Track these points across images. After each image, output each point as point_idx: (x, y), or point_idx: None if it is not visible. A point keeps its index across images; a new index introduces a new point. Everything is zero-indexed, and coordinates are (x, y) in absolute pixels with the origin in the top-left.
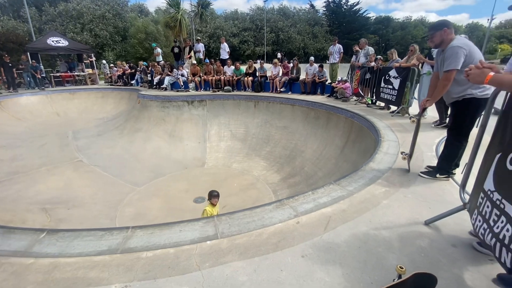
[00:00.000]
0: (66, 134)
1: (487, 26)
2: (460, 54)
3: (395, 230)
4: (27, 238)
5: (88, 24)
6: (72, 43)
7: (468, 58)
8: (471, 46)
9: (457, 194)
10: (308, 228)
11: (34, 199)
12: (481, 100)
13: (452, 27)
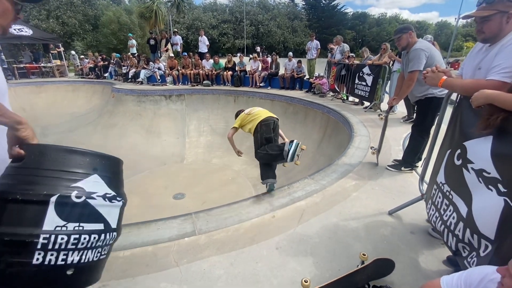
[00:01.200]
0: (34, 130)
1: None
2: (422, 56)
3: (362, 221)
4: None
5: (54, 11)
6: (36, 32)
7: (429, 60)
8: (432, 49)
9: (418, 185)
10: (283, 222)
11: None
12: (441, 99)
13: (415, 31)
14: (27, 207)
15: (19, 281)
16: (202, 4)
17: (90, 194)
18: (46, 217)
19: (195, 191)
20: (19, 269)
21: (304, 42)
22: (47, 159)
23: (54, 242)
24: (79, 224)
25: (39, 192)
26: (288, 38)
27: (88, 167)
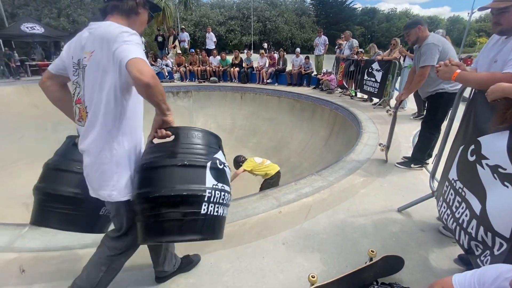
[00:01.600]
0: (45, 126)
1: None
2: (434, 51)
3: (370, 217)
4: (9, 233)
5: (65, 9)
6: (48, 30)
7: (442, 54)
8: (445, 43)
9: (428, 182)
10: (289, 217)
11: (13, 194)
12: (452, 94)
13: (425, 24)
14: (194, 170)
15: (191, 228)
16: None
17: (223, 163)
18: (206, 177)
19: None
20: (192, 217)
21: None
22: (197, 137)
23: (213, 196)
24: (222, 185)
25: (200, 159)
26: (295, 34)
27: (217, 144)
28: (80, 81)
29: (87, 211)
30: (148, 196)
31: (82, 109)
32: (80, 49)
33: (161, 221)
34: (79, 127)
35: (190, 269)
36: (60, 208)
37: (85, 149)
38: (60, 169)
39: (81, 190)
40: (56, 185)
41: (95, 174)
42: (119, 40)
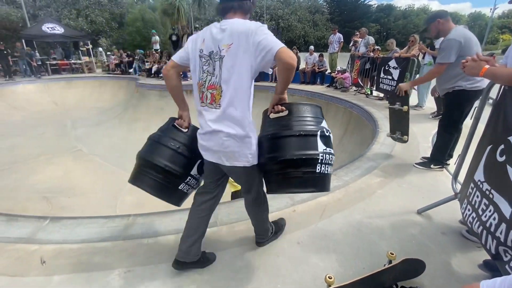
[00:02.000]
0: (65, 123)
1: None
2: (453, 47)
3: (388, 219)
4: (31, 225)
5: (83, 10)
6: (68, 30)
7: (464, 49)
8: (468, 38)
9: (450, 184)
10: (304, 217)
11: (34, 188)
12: (470, 92)
13: (446, 17)
14: (308, 138)
15: (309, 183)
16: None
17: (328, 130)
18: (318, 144)
19: None
20: (309, 175)
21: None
22: (306, 111)
23: (324, 159)
24: (330, 149)
25: (312, 129)
26: (309, 32)
27: (321, 114)
28: (213, 70)
29: (171, 183)
30: (277, 159)
31: (216, 94)
32: (212, 43)
33: (287, 178)
34: (208, 109)
35: (206, 266)
36: (153, 175)
37: (219, 128)
38: (160, 143)
39: (171, 164)
40: (154, 156)
41: (233, 148)
42: (260, 33)
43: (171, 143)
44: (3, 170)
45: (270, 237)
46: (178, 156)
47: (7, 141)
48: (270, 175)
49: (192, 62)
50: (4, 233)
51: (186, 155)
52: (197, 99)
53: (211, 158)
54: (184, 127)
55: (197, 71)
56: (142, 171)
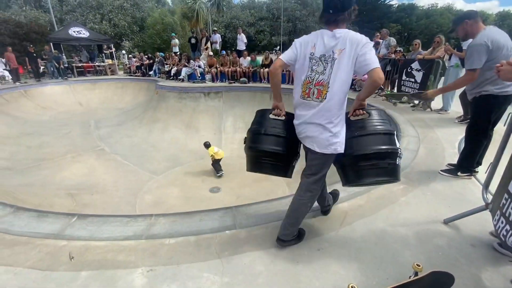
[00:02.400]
0: (89, 123)
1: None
2: (481, 52)
3: (412, 228)
4: (60, 222)
5: (107, 14)
6: (92, 34)
7: (492, 53)
8: (496, 40)
9: (479, 193)
10: (324, 222)
11: (60, 185)
12: (499, 97)
13: (475, 17)
14: (390, 136)
15: (392, 172)
16: (240, 2)
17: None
18: (396, 141)
19: (230, 186)
20: (392, 166)
21: None
22: (382, 115)
23: (400, 153)
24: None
25: (390, 129)
26: None
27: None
28: (323, 69)
29: (285, 162)
30: (367, 152)
31: (322, 90)
32: (324, 48)
33: (375, 168)
34: (313, 103)
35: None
36: (266, 160)
37: (319, 119)
38: (260, 133)
39: (280, 147)
40: (263, 145)
41: (326, 137)
42: (368, 47)
43: (274, 131)
44: (33, 167)
45: (293, 238)
46: (284, 139)
47: (36, 140)
48: (352, 167)
49: (299, 62)
50: (35, 228)
51: (289, 138)
52: (300, 93)
53: (306, 144)
54: (282, 116)
55: (305, 70)
56: (257, 159)
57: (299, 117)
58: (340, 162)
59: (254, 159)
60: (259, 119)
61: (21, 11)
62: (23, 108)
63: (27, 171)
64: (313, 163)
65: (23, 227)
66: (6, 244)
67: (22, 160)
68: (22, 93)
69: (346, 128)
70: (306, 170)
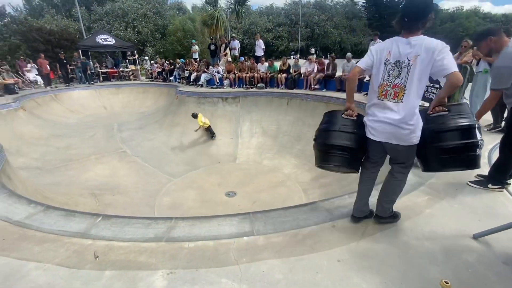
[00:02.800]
0: (112, 126)
1: None
2: (507, 74)
3: (439, 242)
4: (86, 221)
5: (131, 22)
6: (118, 41)
7: None
8: None
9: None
10: (344, 233)
11: (85, 185)
12: None
13: (499, 34)
14: (471, 129)
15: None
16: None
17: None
18: (476, 133)
19: (246, 191)
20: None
21: (362, 42)
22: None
23: (480, 145)
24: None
25: (472, 123)
26: (345, 38)
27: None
28: (398, 74)
29: (354, 156)
30: (446, 147)
31: (399, 91)
32: (399, 54)
33: (455, 159)
34: (389, 103)
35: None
36: (337, 153)
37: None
38: (332, 130)
39: (351, 143)
40: (331, 140)
41: (405, 132)
42: (444, 52)
43: (346, 128)
44: (60, 167)
45: (390, 216)
46: (355, 136)
47: (64, 141)
48: (434, 158)
49: (376, 67)
50: (63, 227)
51: (360, 135)
52: (376, 94)
53: (380, 138)
54: (354, 116)
55: (381, 74)
56: (328, 153)
57: (375, 115)
58: (422, 153)
59: (324, 154)
60: (330, 119)
61: (53, 20)
62: (53, 111)
63: (55, 170)
64: (398, 154)
65: (52, 225)
66: (37, 241)
67: (51, 160)
68: (52, 97)
69: (428, 122)
70: (392, 160)
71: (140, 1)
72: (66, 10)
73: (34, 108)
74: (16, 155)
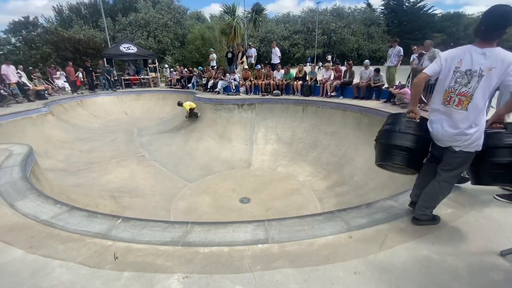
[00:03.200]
0: (132, 131)
1: None
2: None
3: (463, 258)
4: (107, 223)
5: (153, 32)
6: (140, 50)
7: None
8: None
9: None
10: (361, 244)
11: (105, 187)
12: None
13: None
14: None
15: None
16: (275, 17)
17: None
18: None
19: (260, 197)
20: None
21: (381, 49)
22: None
23: None
24: None
25: None
26: (363, 45)
27: None
28: (467, 82)
29: (414, 156)
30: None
31: (464, 100)
32: (471, 64)
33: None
34: (453, 110)
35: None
36: (399, 153)
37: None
38: (395, 131)
39: (414, 144)
40: (394, 140)
41: (468, 139)
42: None
43: (409, 130)
44: (83, 170)
45: (428, 219)
46: (417, 137)
47: (87, 145)
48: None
49: (443, 73)
50: (86, 227)
51: (422, 137)
52: (440, 100)
53: (441, 144)
54: (417, 119)
55: (447, 81)
56: (388, 153)
57: (437, 121)
58: (475, 166)
59: (384, 153)
60: (393, 120)
61: (81, 30)
62: (78, 116)
63: (78, 172)
64: (453, 160)
65: (75, 225)
66: (62, 240)
67: (75, 162)
68: (78, 102)
69: (486, 137)
70: (444, 166)
71: (162, 12)
72: (93, 20)
73: (61, 113)
74: (44, 157)
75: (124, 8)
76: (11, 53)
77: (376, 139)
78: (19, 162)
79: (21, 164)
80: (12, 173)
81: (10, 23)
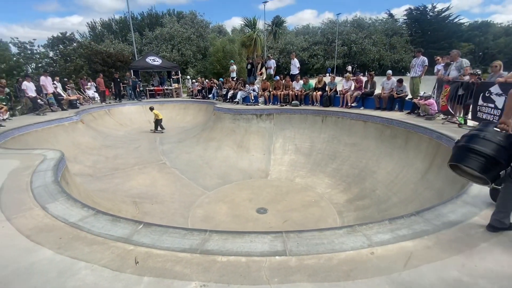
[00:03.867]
0: (155, 139)
1: None
2: None
3: (498, 282)
4: (129, 227)
5: (177, 45)
6: (164, 62)
7: None
8: None
9: None
10: (384, 261)
11: (127, 193)
12: None
13: None
14: None
15: None
16: (295, 28)
17: None
18: None
19: (277, 208)
20: None
21: (403, 59)
22: None
23: None
24: None
25: None
26: (384, 55)
27: None
28: None
29: (490, 165)
30: None
31: None
32: None
33: None
34: None
35: None
36: (474, 157)
37: None
38: (474, 135)
39: (495, 153)
40: (470, 142)
41: None
42: None
43: (494, 138)
44: (108, 175)
45: (504, 227)
46: (498, 147)
47: (113, 151)
48: None
49: None
50: (110, 231)
51: (509, 151)
52: None
53: None
54: (509, 131)
55: None
56: (467, 155)
57: None
58: None
59: (462, 154)
60: (482, 127)
61: (111, 44)
62: (105, 124)
63: (103, 178)
64: None
65: (100, 229)
66: (87, 242)
67: (101, 168)
68: (106, 111)
69: None
70: None
71: (186, 26)
72: (122, 35)
73: (90, 121)
74: (74, 163)
75: (151, 23)
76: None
77: (456, 142)
78: (51, 166)
79: (54, 169)
80: (45, 176)
81: (49, 38)
